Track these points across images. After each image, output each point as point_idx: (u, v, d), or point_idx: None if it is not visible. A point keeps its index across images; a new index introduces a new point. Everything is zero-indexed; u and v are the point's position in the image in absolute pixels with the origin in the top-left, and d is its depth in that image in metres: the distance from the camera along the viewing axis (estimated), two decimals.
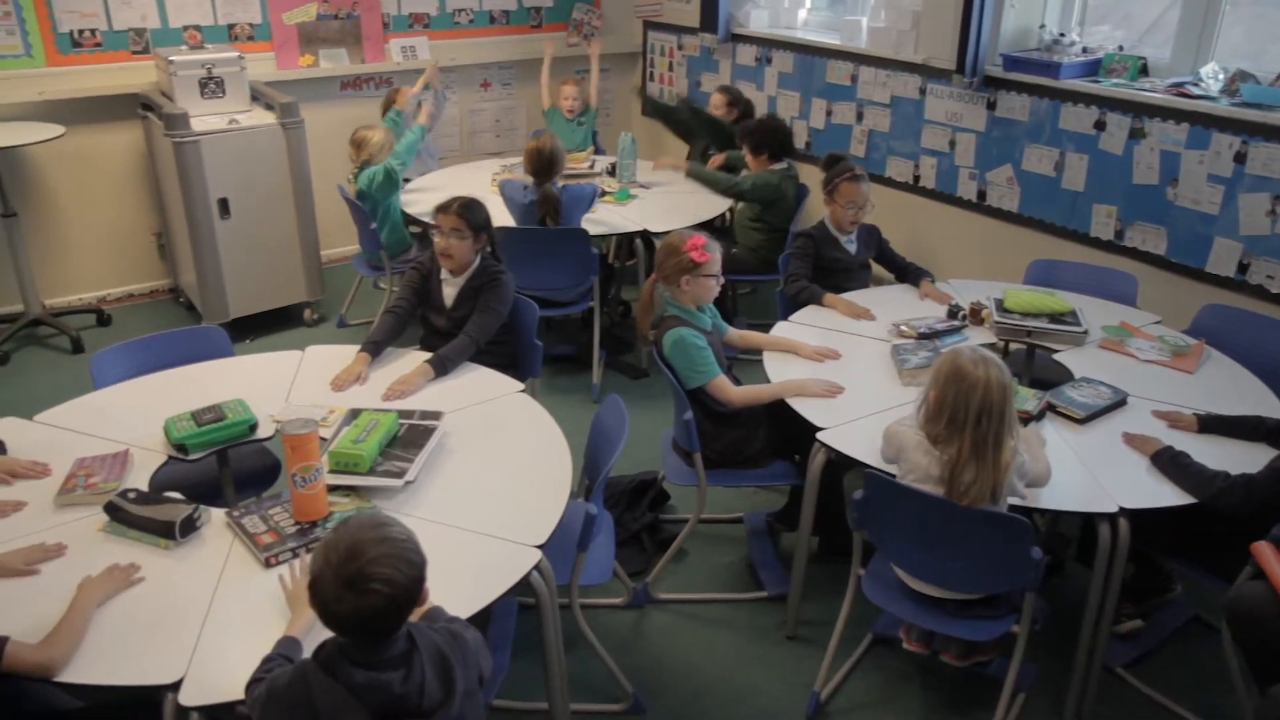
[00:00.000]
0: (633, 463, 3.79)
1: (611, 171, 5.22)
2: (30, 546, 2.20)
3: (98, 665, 1.91)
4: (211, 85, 4.90)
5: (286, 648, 1.88)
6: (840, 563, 3.16)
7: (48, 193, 5.23)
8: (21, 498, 2.40)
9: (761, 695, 2.88)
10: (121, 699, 1.99)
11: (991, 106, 4.67)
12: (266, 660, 1.84)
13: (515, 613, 2.56)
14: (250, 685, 1.79)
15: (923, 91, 4.99)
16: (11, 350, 4.93)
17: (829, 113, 5.57)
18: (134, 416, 2.75)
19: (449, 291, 3.33)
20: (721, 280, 3.18)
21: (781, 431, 3.15)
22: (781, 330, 3.45)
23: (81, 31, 5.10)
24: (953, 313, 3.52)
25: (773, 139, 4.68)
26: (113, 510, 2.28)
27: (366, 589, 1.59)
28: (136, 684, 1.87)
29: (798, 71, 5.71)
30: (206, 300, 4.93)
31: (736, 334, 3.39)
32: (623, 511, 3.53)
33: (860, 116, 5.38)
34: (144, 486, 2.43)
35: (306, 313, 5.25)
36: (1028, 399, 2.86)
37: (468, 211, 3.26)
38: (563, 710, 2.50)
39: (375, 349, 3.08)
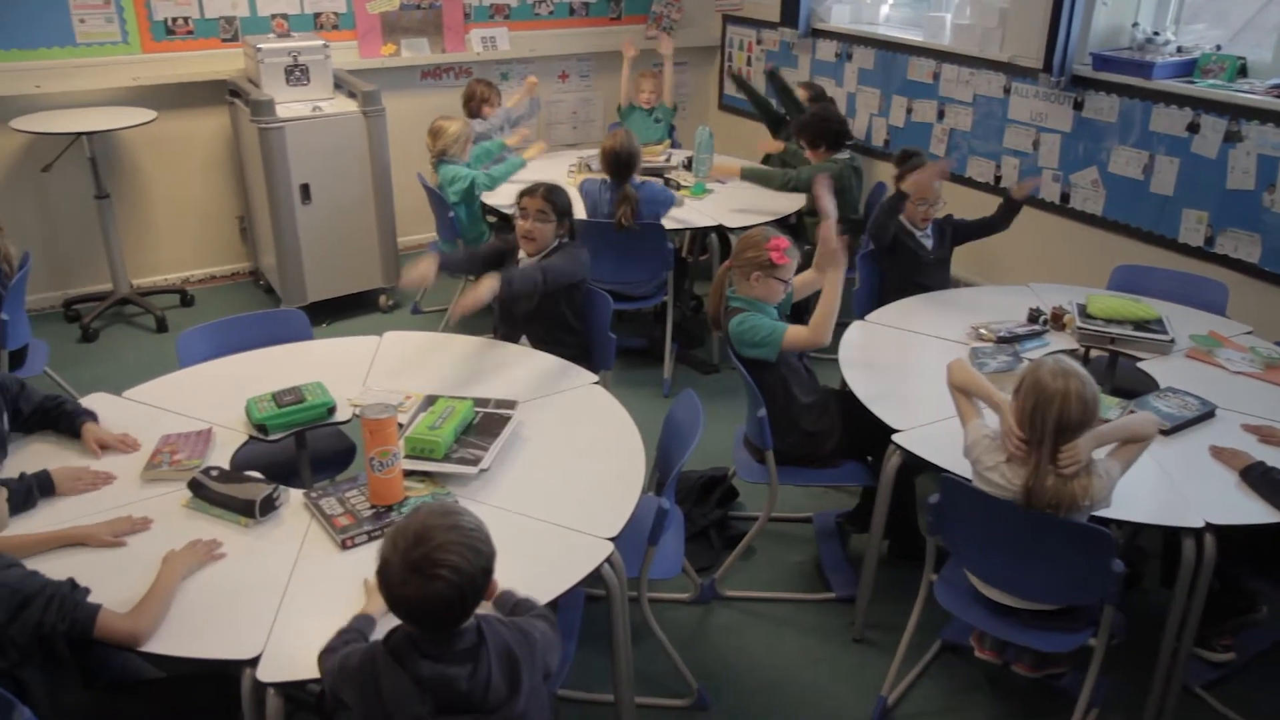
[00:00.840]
0: (701, 458, 3.77)
1: (688, 165, 5.20)
2: (117, 519, 2.27)
3: (180, 637, 1.95)
4: (297, 73, 4.99)
5: (362, 623, 1.91)
6: (910, 567, 3.13)
7: (138, 176, 5.38)
8: (110, 471, 2.46)
9: (827, 697, 2.85)
10: (199, 671, 2.05)
11: (1079, 107, 4.56)
12: (342, 632, 1.87)
13: (583, 604, 2.57)
14: (324, 653, 1.82)
15: (1007, 90, 4.89)
16: (100, 328, 5.08)
17: (909, 110, 5.48)
18: (217, 396, 2.81)
19: None
20: (790, 286, 3.15)
21: (855, 432, 3.11)
22: (856, 330, 3.40)
23: (175, 19, 5.23)
24: (1033, 317, 3.44)
25: (827, 130, 4.64)
26: (196, 487, 2.34)
27: (432, 574, 1.59)
28: (217, 657, 1.91)
29: (878, 68, 5.64)
30: (286, 283, 5.02)
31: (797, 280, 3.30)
32: (691, 507, 3.52)
33: (941, 114, 5.29)
34: (225, 465, 2.48)
35: (382, 299, 5.33)
36: (1110, 407, 2.78)
37: (553, 195, 3.31)
38: (628, 703, 2.50)
39: (445, 259, 3.20)
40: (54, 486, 2.35)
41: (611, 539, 2.21)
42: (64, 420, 2.62)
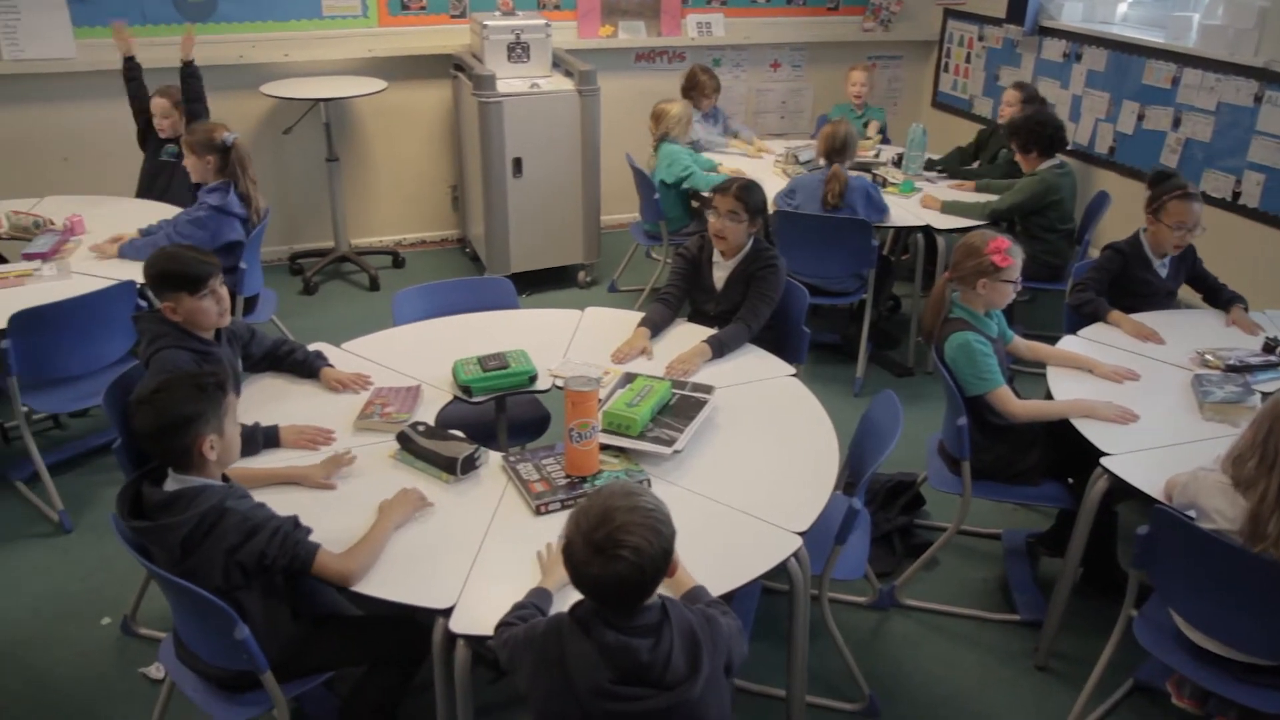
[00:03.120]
0: (888, 461, 3.67)
1: (897, 162, 5.07)
2: (329, 459, 2.41)
3: (382, 581, 2.06)
4: (518, 50, 5.15)
5: (538, 598, 1.96)
6: (1101, 597, 2.97)
7: (364, 142, 5.69)
8: (325, 420, 2.62)
9: None
10: (393, 614, 2.15)
11: None
12: (518, 606, 1.92)
13: (759, 595, 2.56)
14: (499, 627, 1.87)
15: (1258, 99, 4.52)
16: (320, 282, 5.42)
17: (1140, 117, 5.16)
18: (426, 355, 2.95)
19: (719, 275, 3.34)
20: (1020, 287, 3.02)
21: (1058, 451, 2.97)
22: (1069, 345, 3.24)
23: None
24: (1269, 346, 3.18)
25: (1041, 135, 4.40)
26: (404, 440, 2.46)
27: (614, 554, 1.61)
28: (416, 604, 2.00)
29: (1110, 70, 5.33)
30: (491, 253, 5.21)
31: (1024, 344, 3.21)
32: (876, 510, 3.45)
33: (1177, 123, 4.95)
34: (431, 421, 2.60)
35: (581, 274, 5.45)
36: None
37: (746, 194, 3.25)
38: (799, 701, 2.48)
39: (654, 327, 3.13)
40: (279, 441, 2.52)
41: (800, 533, 2.19)
42: (299, 365, 2.82)
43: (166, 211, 4.05)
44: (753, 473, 2.43)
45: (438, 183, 5.95)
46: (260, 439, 2.50)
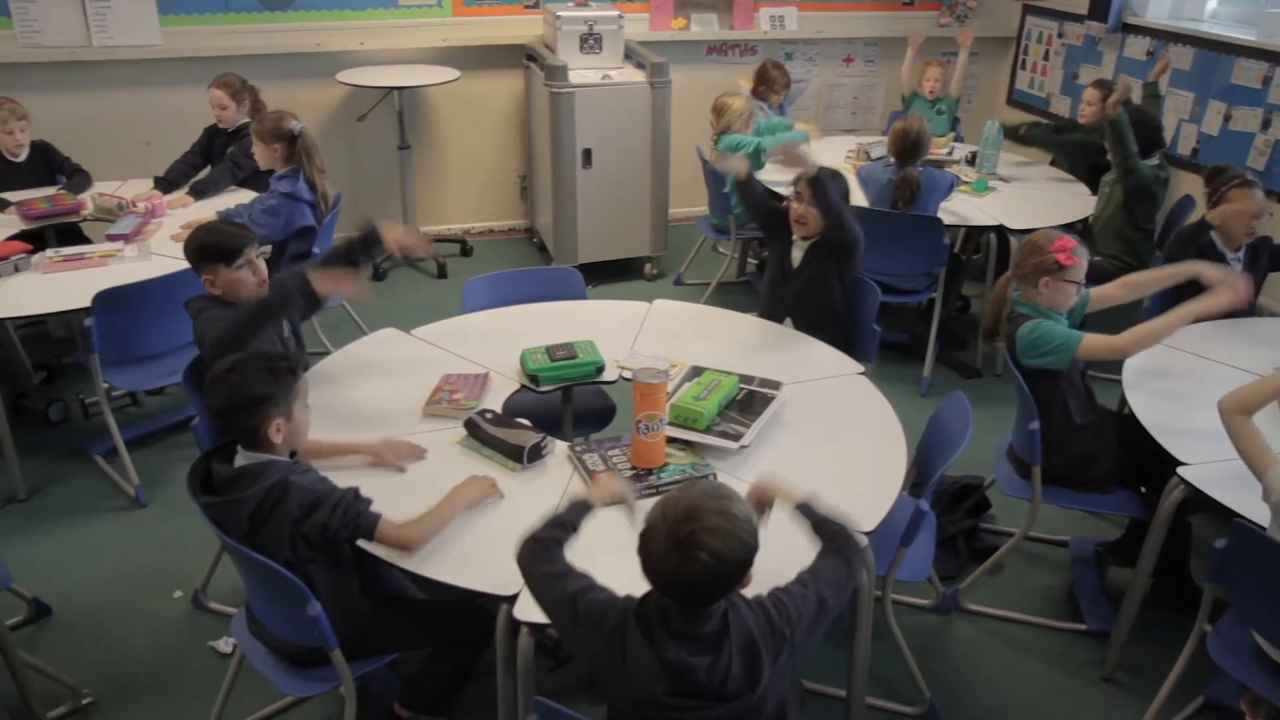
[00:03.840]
0: (954, 464, 3.62)
1: (971, 160, 4.99)
2: (401, 441, 2.44)
3: (449, 565, 2.08)
4: (591, 41, 5.16)
5: (574, 512, 1.91)
6: (1171, 610, 2.90)
7: (436, 130, 5.76)
8: (393, 404, 2.66)
9: None
10: (458, 599, 2.17)
11: None
12: (551, 521, 1.87)
13: None
14: (528, 541, 1.84)
15: None
16: (389, 268, 5.50)
17: (1227, 118, 5.01)
18: (494, 343, 2.97)
19: (796, 255, 3.35)
20: (1083, 289, 2.95)
21: (1131, 459, 2.90)
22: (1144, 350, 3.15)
23: None
24: None
25: (1139, 132, 4.27)
26: (471, 427, 2.48)
27: (692, 554, 1.57)
28: (481, 589, 2.02)
29: (1196, 69, 5.18)
30: (559, 243, 5.23)
31: (1102, 291, 3.07)
32: (941, 513, 3.40)
33: (1267, 124, 4.80)
34: (498, 409, 2.62)
35: (647, 267, 5.45)
36: None
37: (830, 180, 3.25)
38: (859, 702, 2.46)
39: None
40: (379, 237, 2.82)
41: (867, 533, 2.17)
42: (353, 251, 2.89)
43: (243, 197, 4.14)
44: (819, 470, 2.40)
45: (507, 172, 5.99)
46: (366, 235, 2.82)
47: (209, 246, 2.70)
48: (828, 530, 1.92)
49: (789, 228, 3.38)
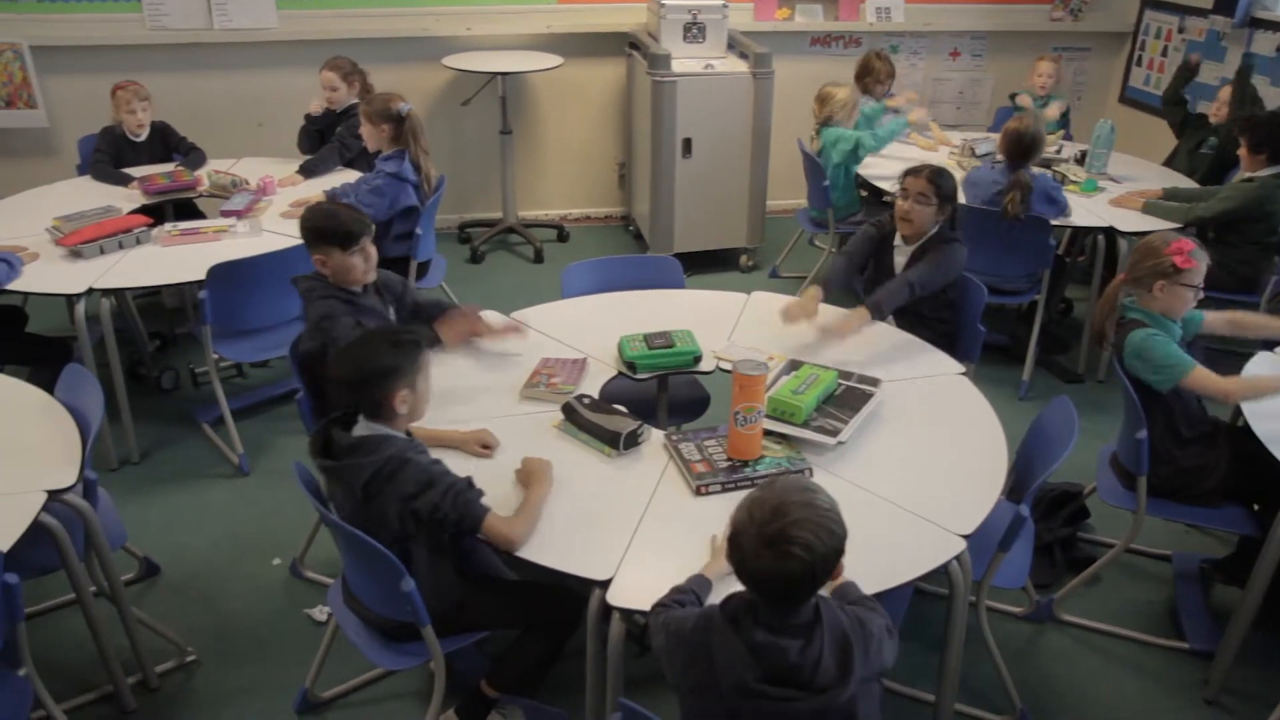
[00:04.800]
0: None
1: (1080, 160, 4.84)
2: (483, 430, 2.46)
3: (544, 549, 2.11)
4: (694, 30, 5.14)
5: (697, 585, 1.95)
6: None
7: (537, 116, 5.81)
8: (491, 386, 2.71)
9: None
10: (549, 582, 2.19)
11: None
12: (676, 590, 1.92)
13: (911, 595, 2.50)
14: (656, 608, 1.88)
15: None
16: (487, 251, 5.57)
17: None
18: (592, 329, 2.99)
19: (899, 259, 3.30)
20: (1201, 294, 2.84)
21: (1244, 474, 2.79)
22: (1262, 362, 3.03)
23: None
24: None
25: (1275, 136, 4.08)
26: (569, 411, 2.50)
27: (785, 550, 1.57)
28: (575, 573, 2.04)
29: None
30: (655, 231, 5.24)
31: (1219, 318, 2.96)
32: (1038, 519, 3.32)
33: None
34: (595, 395, 2.63)
35: (743, 258, 5.42)
36: None
37: (939, 178, 3.20)
38: (948, 708, 2.42)
39: (827, 286, 3.10)
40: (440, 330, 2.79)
41: (965, 536, 2.13)
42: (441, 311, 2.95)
43: (349, 176, 4.24)
44: (917, 470, 2.37)
45: (605, 159, 6.02)
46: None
47: (327, 229, 2.72)
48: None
49: (888, 236, 3.32)
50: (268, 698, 2.69)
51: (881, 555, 2.07)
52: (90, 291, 3.39)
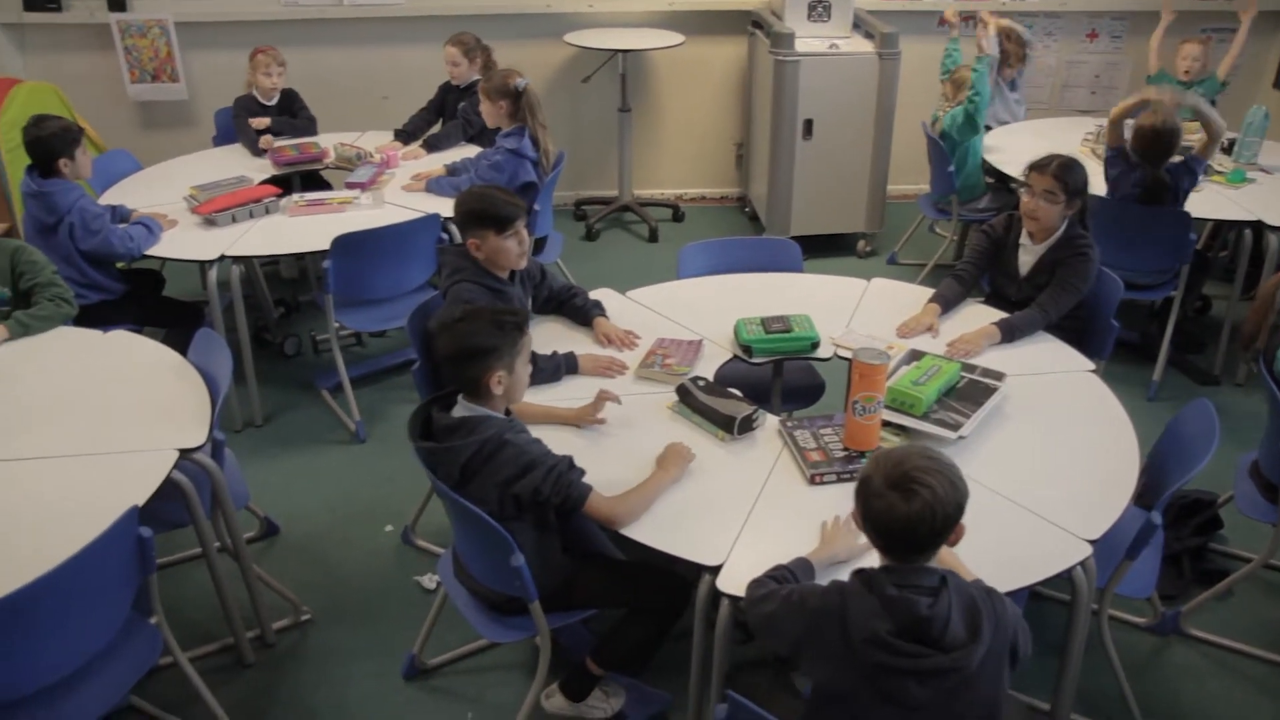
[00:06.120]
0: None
1: (1227, 149, 4.58)
2: (594, 402, 2.46)
3: (654, 530, 2.10)
4: (819, 9, 5.04)
5: (799, 567, 1.93)
6: None
7: (656, 94, 5.78)
8: (625, 362, 2.71)
9: None
10: (657, 564, 2.18)
11: None
12: (777, 567, 1.91)
13: (1025, 599, 2.41)
14: (753, 583, 1.88)
15: None
16: (602, 229, 5.58)
17: None
18: (708, 310, 2.96)
19: (1025, 259, 3.15)
20: None
21: None
22: None
23: None
24: None
25: None
26: (683, 393, 2.48)
27: (910, 490, 1.62)
28: (686, 557, 2.02)
29: None
30: (772, 213, 5.17)
31: None
32: (1166, 527, 3.16)
33: None
34: (710, 377, 2.60)
35: (860, 244, 5.31)
36: None
37: (1066, 173, 3.01)
38: (1065, 717, 2.33)
39: (945, 304, 2.99)
40: (578, 368, 2.65)
41: (1091, 541, 2.04)
42: (577, 310, 2.91)
43: (468, 151, 4.28)
44: (1042, 470, 2.28)
45: (723, 139, 5.96)
46: (563, 366, 2.64)
47: (483, 213, 2.71)
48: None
49: (1003, 239, 3.19)
50: (376, 660, 2.75)
51: (1001, 556, 2.00)
52: (222, 258, 3.51)
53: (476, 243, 2.71)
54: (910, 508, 1.62)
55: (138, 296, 3.70)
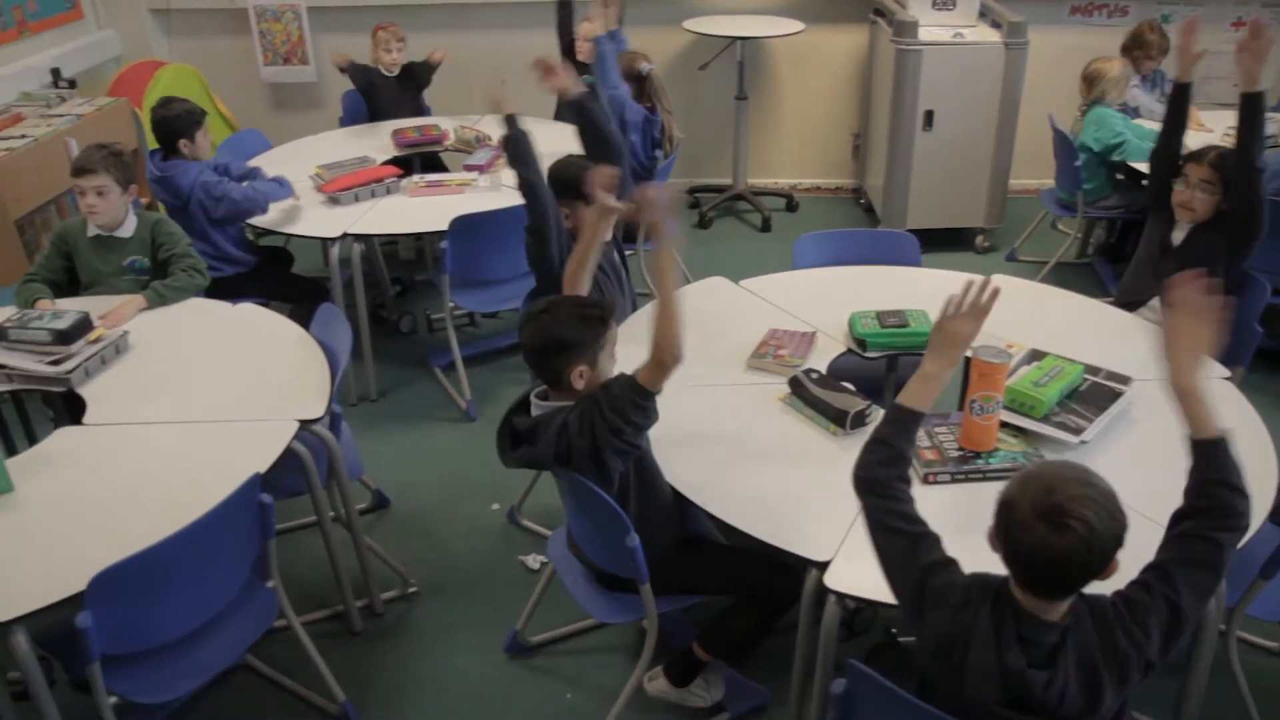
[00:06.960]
0: None
1: None
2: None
3: (764, 522, 2.08)
4: None
5: (903, 427, 1.82)
6: None
7: (773, 83, 5.73)
8: (717, 353, 2.67)
9: None
10: (759, 553, 2.14)
11: None
12: (881, 443, 1.82)
13: None
14: (870, 445, 1.81)
15: None
16: (714, 217, 5.56)
17: None
18: (822, 302, 2.92)
19: (1178, 234, 3.11)
20: None
21: None
22: None
23: None
24: None
25: None
26: (795, 385, 2.45)
27: (1063, 524, 1.46)
28: (794, 551, 2.00)
29: None
30: (888, 206, 5.07)
31: None
32: None
33: None
34: (823, 370, 2.57)
35: (979, 239, 5.16)
36: None
37: (1225, 163, 2.91)
38: None
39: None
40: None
41: None
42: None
43: None
44: (1170, 480, 2.15)
45: (840, 129, 5.87)
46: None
47: (569, 181, 2.73)
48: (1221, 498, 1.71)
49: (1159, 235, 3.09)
50: (479, 635, 2.80)
51: (1126, 569, 1.91)
52: (344, 236, 3.61)
53: (568, 212, 2.73)
54: (1063, 542, 1.46)
55: (267, 271, 3.84)
